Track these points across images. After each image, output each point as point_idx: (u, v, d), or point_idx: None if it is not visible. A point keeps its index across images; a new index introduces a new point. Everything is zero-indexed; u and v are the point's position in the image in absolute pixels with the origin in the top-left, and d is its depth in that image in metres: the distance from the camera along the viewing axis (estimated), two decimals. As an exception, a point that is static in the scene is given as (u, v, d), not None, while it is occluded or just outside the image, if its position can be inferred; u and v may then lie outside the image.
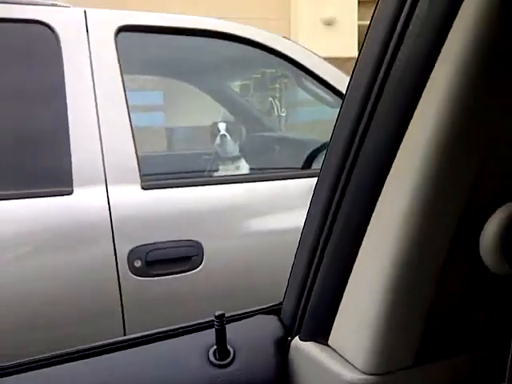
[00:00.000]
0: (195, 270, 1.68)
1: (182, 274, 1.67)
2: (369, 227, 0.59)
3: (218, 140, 2.18)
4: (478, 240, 0.56)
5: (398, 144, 0.54)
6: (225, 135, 2.17)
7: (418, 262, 0.56)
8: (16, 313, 1.54)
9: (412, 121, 0.53)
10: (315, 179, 0.66)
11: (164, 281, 1.65)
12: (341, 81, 2.02)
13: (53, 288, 1.57)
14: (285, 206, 1.85)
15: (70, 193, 1.61)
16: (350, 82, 0.61)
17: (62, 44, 1.70)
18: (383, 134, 0.56)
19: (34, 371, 0.66)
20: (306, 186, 1.75)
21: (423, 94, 0.52)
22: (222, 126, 2.19)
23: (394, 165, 0.55)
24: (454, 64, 0.49)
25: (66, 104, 1.65)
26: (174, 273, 1.66)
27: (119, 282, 1.60)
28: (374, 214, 0.58)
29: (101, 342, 0.70)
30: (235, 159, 2.19)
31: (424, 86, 0.52)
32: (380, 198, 0.57)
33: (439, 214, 0.54)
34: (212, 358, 0.67)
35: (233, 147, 2.19)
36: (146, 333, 0.72)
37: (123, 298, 1.60)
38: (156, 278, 1.64)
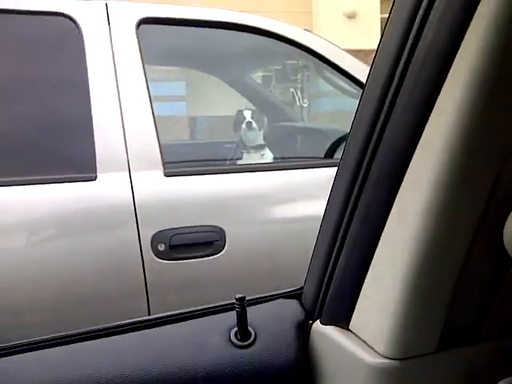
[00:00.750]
0: (217, 255, 1.70)
1: (205, 258, 1.69)
2: (390, 215, 0.58)
3: (243, 127, 2.19)
4: (502, 231, 0.55)
5: (419, 136, 0.54)
6: (250, 122, 2.18)
7: (441, 251, 0.55)
8: (44, 293, 1.58)
9: (432, 113, 0.53)
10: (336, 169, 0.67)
11: (187, 264, 1.68)
12: (362, 71, 2.01)
13: (79, 270, 1.61)
14: (306, 195, 1.86)
15: (93, 179, 1.65)
16: (369, 74, 0.61)
17: (85, 36, 1.73)
18: (404, 125, 0.56)
19: (49, 349, 0.67)
20: (327, 175, 1.75)
21: (444, 86, 0.51)
22: (247, 114, 2.20)
23: (414, 156, 0.55)
24: (474, 57, 0.48)
25: (89, 94, 1.69)
26: (197, 257, 1.69)
27: (143, 265, 1.63)
28: (395, 203, 0.58)
29: (124, 321, 0.71)
30: (259, 148, 2.20)
31: (444, 78, 0.51)
32: (401, 188, 0.57)
33: (462, 204, 0.54)
34: (234, 339, 0.68)
35: (258, 135, 2.19)
36: (168, 313, 0.73)
37: (147, 280, 1.63)
38: (179, 262, 1.67)
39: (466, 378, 0.63)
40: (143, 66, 1.78)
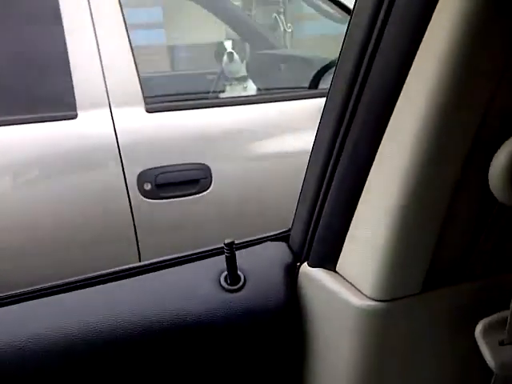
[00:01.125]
0: (204, 193, 1.69)
1: (192, 196, 1.68)
2: (377, 154, 0.58)
3: (225, 58, 2.10)
4: (487, 171, 0.55)
5: (409, 67, 0.53)
6: (232, 53, 2.09)
7: (426, 191, 0.55)
8: (28, 236, 1.57)
9: (422, 43, 0.51)
10: (323, 100, 0.64)
11: (174, 203, 1.68)
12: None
13: (63, 212, 1.60)
14: (292, 128, 1.83)
15: (74, 117, 1.59)
16: (354, 6, 0.58)
17: None
18: (393, 56, 0.54)
19: (45, 298, 0.68)
20: (313, 106, 1.72)
21: (434, 14, 0.49)
22: (228, 44, 2.11)
23: (403, 89, 0.54)
24: None
25: (62, 26, 1.60)
26: (184, 195, 1.68)
27: (130, 205, 1.62)
28: (382, 141, 0.57)
29: (111, 270, 0.72)
30: (242, 79, 2.13)
31: (433, 9, 0.49)
32: (389, 124, 0.56)
33: (448, 145, 0.53)
34: (223, 283, 0.69)
35: (240, 66, 2.12)
36: (157, 259, 0.73)
37: (135, 220, 1.63)
38: (166, 201, 1.67)
39: (448, 317, 0.65)
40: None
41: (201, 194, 1.69)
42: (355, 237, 0.63)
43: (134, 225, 1.64)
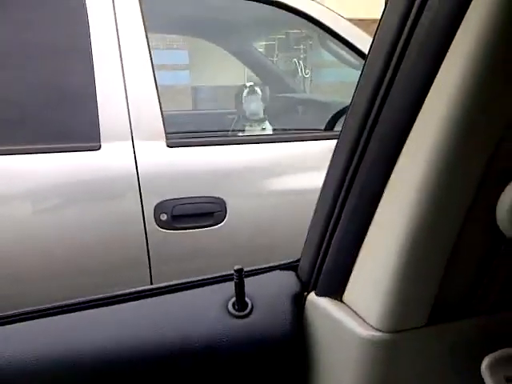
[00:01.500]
0: (219, 225, 1.73)
1: (206, 228, 1.72)
2: (386, 189, 0.59)
3: (244, 101, 2.20)
4: (495, 207, 0.56)
5: (416, 113, 0.55)
6: (252, 96, 2.18)
7: (434, 226, 0.56)
8: (49, 262, 1.61)
9: (430, 91, 0.53)
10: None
11: (189, 234, 1.71)
12: (365, 42, 2.00)
13: (84, 239, 1.64)
14: (306, 167, 1.87)
15: (97, 148, 1.66)
16: (371, 46, 0.60)
17: (87, 2, 1.71)
18: (402, 101, 0.56)
19: (59, 316, 0.69)
20: (328, 147, 1.75)
21: (445, 59, 0.51)
22: (249, 88, 2.21)
23: (411, 133, 0.55)
24: (474, 35, 0.48)
25: (92, 62, 1.68)
26: (199, 227, 1.72)
27: (146, 234, 1.66)
28: (391, 178, 0.58)
29: (123, 291, 0.73)
30: (260, 121, 2.21)
31: (447, 50, 0.51)
32: (397, 164, 0.57)
33: (457, 181, 0.54)
34: (231, 309, 0.70)
35: (259, 109, 2.20)
36: (167, 283, 0.75)
37: (150, 249, 1.67)
38: (181, 231, 1.70)
39: (453, 351, 0.65)
40: (146, 34, 1.76)
41: (215, 227, 1.73)
42: (363, 268, 0.64)
43: (148, 254, 1.67)
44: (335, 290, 0.68)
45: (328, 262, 0.68)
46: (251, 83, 2.27)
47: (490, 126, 0.53)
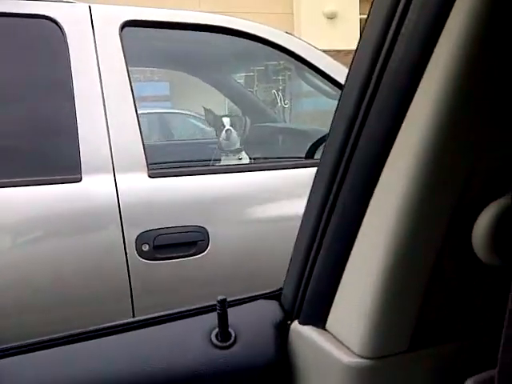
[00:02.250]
0: (201, 254, 1.73)
1: (189, 257, 1.72)
2: (365, 218, 0.60)
3: (223, 134, 2.23)
4: (471, 233, 0.58)
5: (393, 140, 0.56)
6: (230, 130, 2.22)
7: (412, 253, 0.57)
8: (27, 295, 1.59)
9: (406, 118, 0.54)
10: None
11: (171, 264, 1.70)
12: (341, 73, 2.06)
13: (64, 271, 1.62)
14: (288, 194, 1.89)
15: (78, 180, 1.66)
16: (348, 75, 0.62)
17: (68, 38, 1.74)
18: (379, 128, 0.57)
19: (40, 351, 0.68)
20: (308, 175, 1.78)
21: (418, 88, 0.53)
22: (226, 121, 2.24)
23: (388, 160, 0.57)
24: (449, 58, 0.50)
25: (73, 96, 1.69)
26: (181, 256, 1.71)
27: (128, 265, 1.65)
28: (369, 206, 0.60)
29: (105, 325, 0.72)
30: (236, 152, 2.24)
31: (419, 79, 0.53)
32: (376, 191, 0.59)
33: (433, 208, 0.56)
34: (214, 340, 0.69)
35: (235, 141, 2.24)
36: (149, 316, 0.74)
37: (132, 281, 1.66)
38: (163, 262, 1.70)
39: (436, 375, 0.66)
40: (127, 68, 1.79)
41: (198, 256, 1.73)
42: (344, 296, 0.64)
43: (130, 285, 1.66)
44: (318, 318, 0.68)
45: (310, 290, 0.68)
46: (229, 117, 2.30)
47: (463, 153, 0.55)
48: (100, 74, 1.75)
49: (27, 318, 1.59)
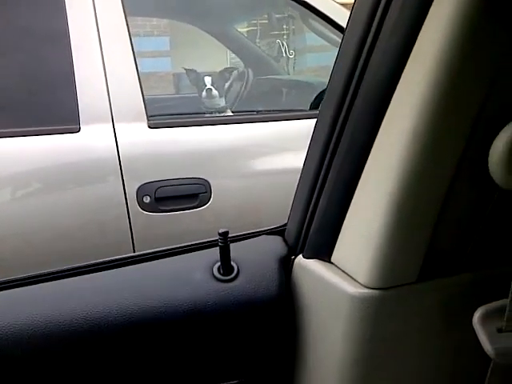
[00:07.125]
0: (203, 207, 1.70)
1: (191, 210, 1.69)
2: (375, 143, 0.58)
3: (203, 94, 2.15)
4: (487, 157, 0.55)
5: (406, 61, 0.54)
6: (210, 89, 2.13)
7: (425, 178, 0.55)
8: (28, 247, 1.57)
9: (413, 51, 0.53)
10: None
11: (173, 216, 1.68)
12: (345, 18, 1.97)
13: (65, 223, 1.60)
14: (292, 146, 1.84)
15: (77, 130, 1.62)
16: (346, 26, 0.61)
17: None
18: (384, 65, 0.56)
19: (41, 284, 0.69)
20: (313, 126, 1.73)
21: (423, 25, 0.51)
22: (207, 80, 2.15)
23: (401, 79, 0.54)
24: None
25: (70, 46, 1.64)
26: (183, 209, 1.68)
27: (129, 217, 1.62)
28: (378, 133, 0.57)
29: (108, 258, 0.72)
30: (221, 110, 2.15)
31: (423, 20, 0.52)
32: (386, 115, 0.56)
33: (446, 131, 0.53)
34: (216, 273, 0.69)
35: (217, 99, 2.15)
36: (152, 250, 0.74)
37: (133, 232, 1.63)
38: (165, 214, 1.67)
39: (444, 307, 0.65)
40: (126, 18, 1.73)
41: (200, 208, 1.70)
42: (350, 227, 0.63)
43: (132, 237, 1.64)
44: (323, 251, 0.67)
45: (315, 223, 0.68)
46: (210, 76, 2.20)
47: (479, 75, 0.52)
48: (97, 22, 1.69)
49: (26, 272, 1.57)
